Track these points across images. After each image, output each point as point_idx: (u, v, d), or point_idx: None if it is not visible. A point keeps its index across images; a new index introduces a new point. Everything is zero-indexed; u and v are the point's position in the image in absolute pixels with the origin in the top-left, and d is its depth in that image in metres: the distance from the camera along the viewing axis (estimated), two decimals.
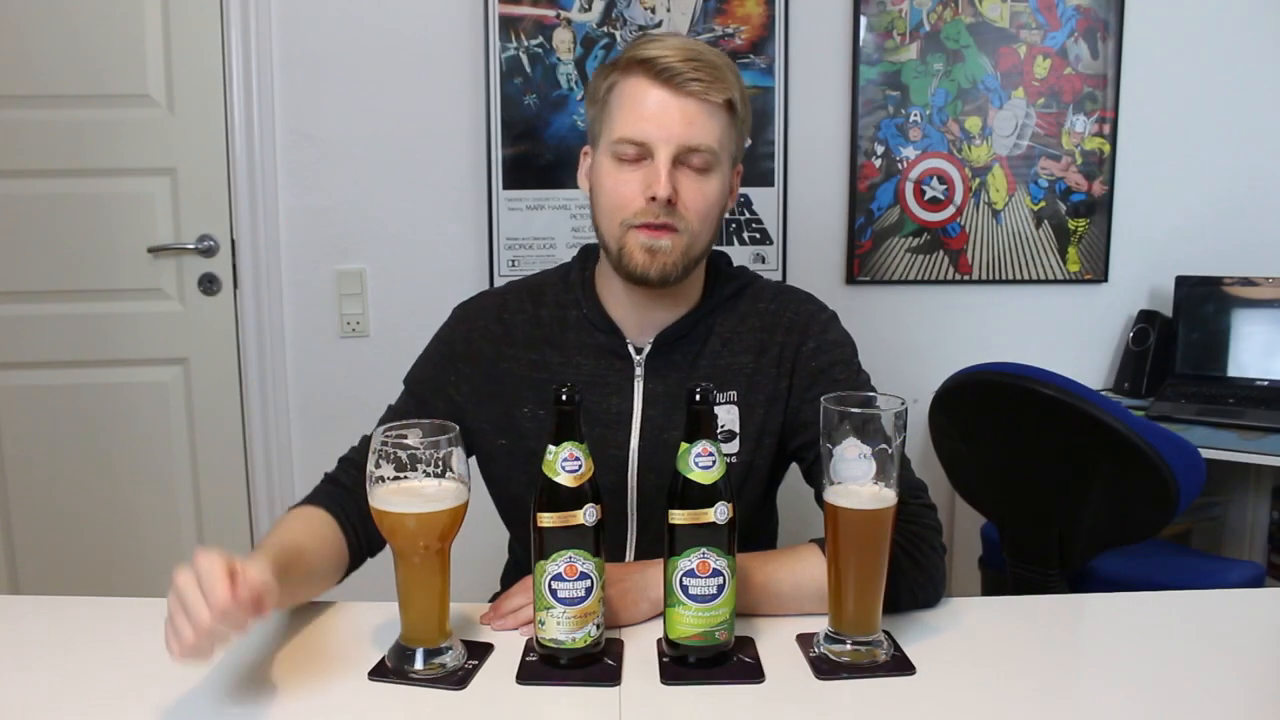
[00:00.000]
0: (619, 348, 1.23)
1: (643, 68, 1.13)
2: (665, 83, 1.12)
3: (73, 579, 2.46)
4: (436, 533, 0.96)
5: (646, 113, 1.13)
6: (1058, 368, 1.75)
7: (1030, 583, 1.86)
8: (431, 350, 1.29)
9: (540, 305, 1.27)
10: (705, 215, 1.16)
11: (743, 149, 1.23)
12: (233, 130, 2.36)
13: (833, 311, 1.29)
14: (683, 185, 1.14)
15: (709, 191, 1.16)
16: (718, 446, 0.96)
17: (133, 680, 0.97)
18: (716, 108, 1.14)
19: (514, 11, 2.37)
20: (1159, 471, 1.65)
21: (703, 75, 1.11)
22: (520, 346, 1.25)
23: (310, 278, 2.44)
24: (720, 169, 1.17)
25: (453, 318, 1.30)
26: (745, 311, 1.26)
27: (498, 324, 1.26)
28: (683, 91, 1.12)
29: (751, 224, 2.49)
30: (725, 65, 1.15)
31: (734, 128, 1.18)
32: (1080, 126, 2.52)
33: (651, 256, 1.15)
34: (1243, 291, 2.43)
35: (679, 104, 1.12)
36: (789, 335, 1.24)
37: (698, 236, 1.17)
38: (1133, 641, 1.08)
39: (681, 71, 1.11)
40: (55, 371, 2.43)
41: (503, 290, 1.31)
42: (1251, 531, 2.55)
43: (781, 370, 1.23)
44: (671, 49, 1.12)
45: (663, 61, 1.11)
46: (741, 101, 1.17)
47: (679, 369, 1.22)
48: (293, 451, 2.47)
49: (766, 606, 1.10)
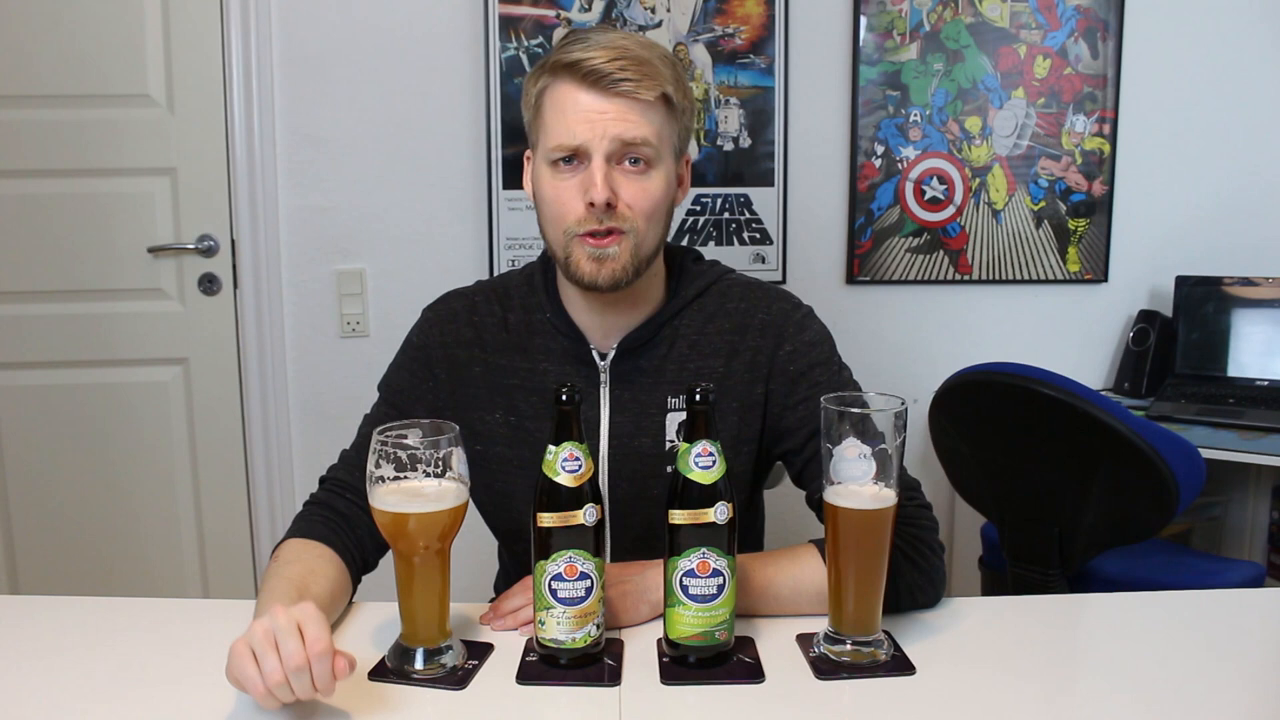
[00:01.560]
0: (584, 354, 1.20)
1: (569, 71, 1.09)
2: (593, 85, 1.08)
3: (73, 579, 2.46)
4: (436, 532, 0.96)
5: (578, 117, 1.09)
6: (1058, 368, 1.75)
7: (1030, 583, 1.86)
8: (405, 357, 1.26)
9: (508, 309, 1.24)
10: (650, 213, 1.12)
11: (688, 139, 1.19)
12: (233, 130, 2.36)
13: (807, 308, 1.25)
14: (623, 186, 1.11)
15: (651, 188, 1.12)
16: (718, 446, 0.96)
17: (133, 680, 0.97)
18: (651, 103, 1.10)
19: (514, 11, 2.37)
20: (1159, 471, 1.65)
21: (631, 73, 1.08)
22: (490, 351, 1.22)
23: (310, 278, 2.44)
24: (662, 164, 1.13)
25: (424, 322, 1.27)
26: (713, 311, 1.22)
27: (469, 328, 1.24)
28: (613, 92, 1.08)
29: (751, 224, 2.49)
30: (658, 57, 1.11)
31: (673, 119, 1.14)
32: (1080, 126, 2.52)
33: (599, 265, 1.11)
34: (1243, 291, 2.43)
35: (610, 105, 1.08)
36: (762, 338, 1.20)
37: (645, 236, 1.12)
38: (1133, 641, 1.08)
39: (609, 73, 1.07)
40: (55, 371, 2.43)
41: (470, 292, 1.28)
42: (1251, 531, 2.55)
43: (756, 375, 1.20)
44: (598, 49, 1.08)
45: (588, 64, 1.08)
46: (680, 92, 1.13)
47: (645, 374, 1.20)
48: (293, 451, 2.47)
49: (766, 608, 1.09)
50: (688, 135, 1.18)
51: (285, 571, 1.06)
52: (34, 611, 1.17)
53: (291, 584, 1.03)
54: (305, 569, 1.07)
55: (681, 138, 1.17)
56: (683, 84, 1.15)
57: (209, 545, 2.51)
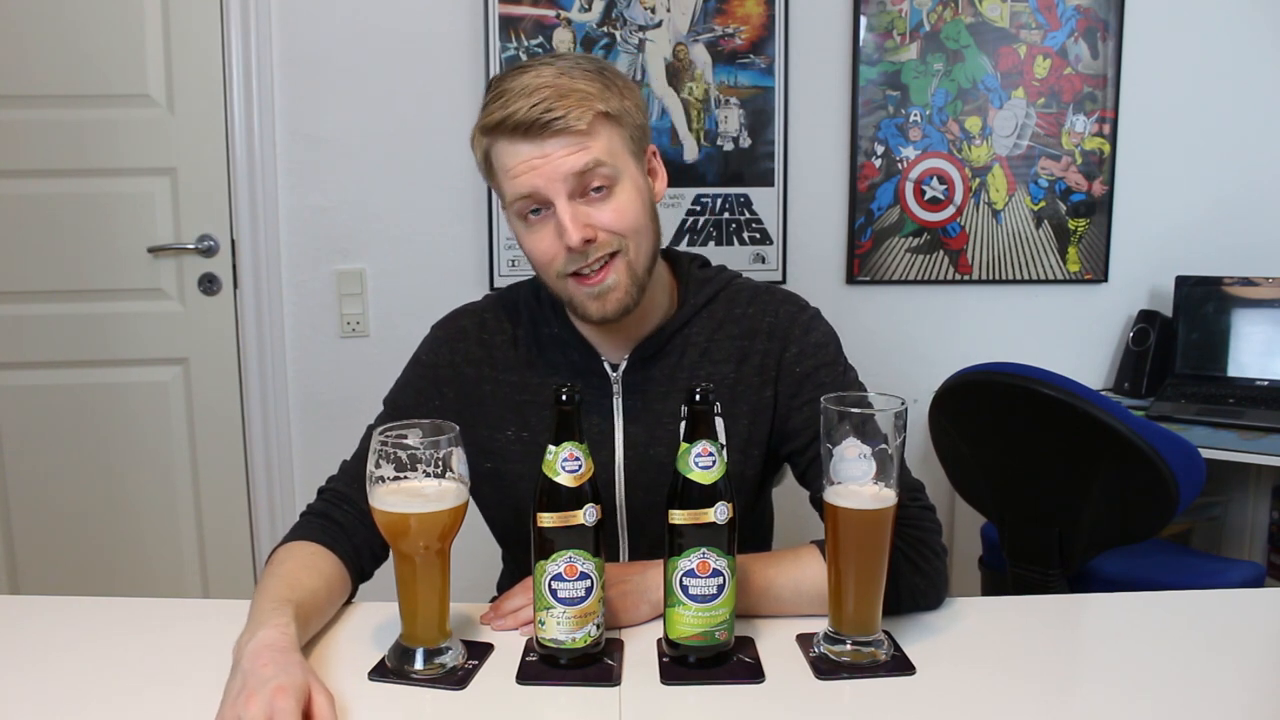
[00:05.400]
0: (595, 366, 1.20)
1: (499, 130, 1.08)
2: (525, 135, 1.06)
3: (73, 579, 2.46)
4: (437, 532, 0.96)
5: (524, 169, 1.07)
6: (1058, 368, 1.75)
7: (1030, 583, 1.86)
8: (413, 375, 1.25)
9: (517, 324, 1.24)
10: (634, 226, 1.11)
11: (645, 135, 1.15)
12: (233, 130, 2.36)
13: (814, 310, 1.25)
14: (595, 215, 1.09)
15: (623, 205, 1.10)
16: (718, 446, 0.96)
17: (133, 680, 0.97)
18: (587, 129, 1.07)
19: (514, 11, 2.37)
20: (1159, 471, 1.65)
21: (556, 110, 1.05)
22: (501, 369, 1.22)
23: (310, 278, 2.44)
24: (625, 175, 1.11)
25: (433, 339, 1.26)
26: (723, 318, 1.22)
27: (479, 346, 1.23)
28: (548, 133, 1.06)
29: (751, 224, 2.49)
30: (582, 76, 1.08)
31: (620, 127, 1.11)
32: (1080, 126, 2.52)
33: (603, 301, 1.11)
34: (1243, 291, 2.43)
35: (549, 147, 1.06)
36: (770, 341, 1.21)
37: (637, 249, 1.12)
38: (1133, 641, 1.08)
39: (536, 119, 1.05)
40: (55, 371, 2.43)
41: (480, 308, 1.27)
42: (1251, 531, 2.55)
43: (765, 379, 1.20)
44: (516, 100, 1.05)
45: (512, 120, 1.05)
46: (617, 99, 1.10)
47: (658, 384, 1.20)
48: (293, 451, 2.47)
49: (766, 609, 1.09)
50: (643, 132, 1.15)
51: (279, 570, 1.06)
52: (34, 611, 1.17)
53: (284, 581, 1.03)
54: (299, 565, 1.07)
55: (636, 138, 1.14)
56: (617, 88, 1.11)
57: (209, 545, 2.51)
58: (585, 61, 1.11)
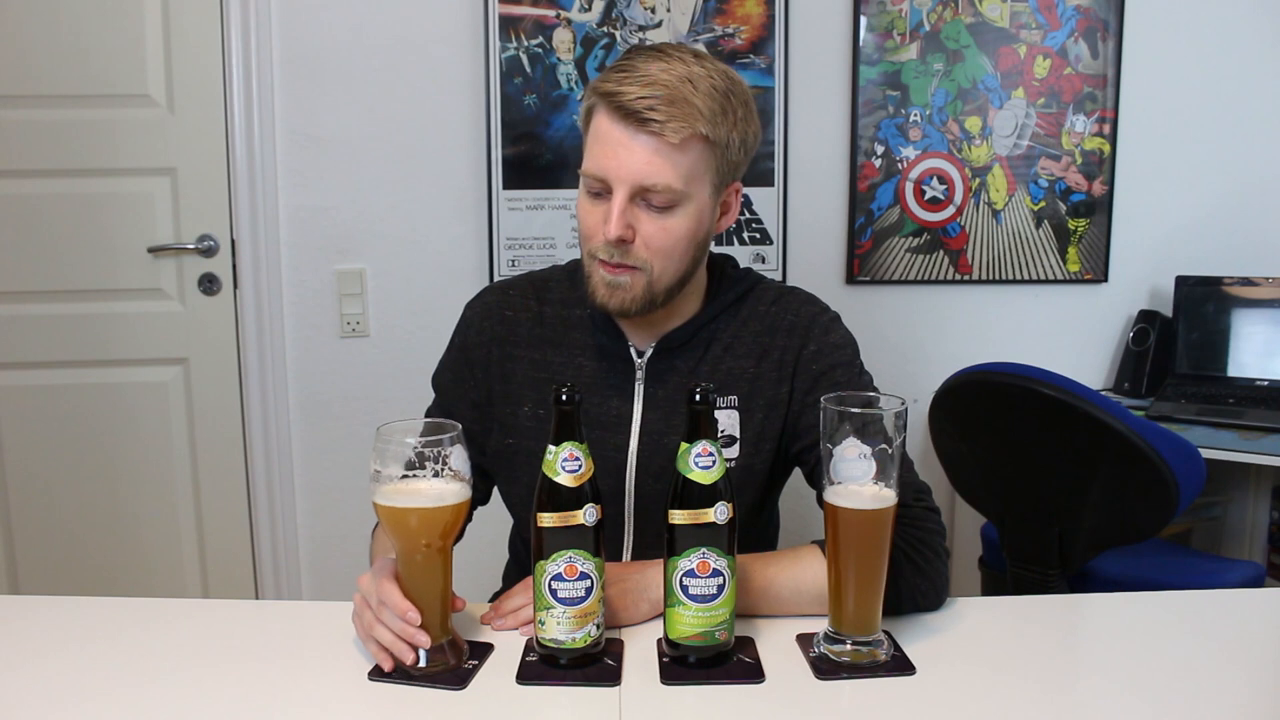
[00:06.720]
0: (622, 350, 1.23)
1: (606, 100, 1.09)
2: (624, 119, 1.08)
3: (73, 579, 2.46)
4: (438, 530, 0.96)
5: (607, 150, 1.10)
6: (1058, 368, 1.75)
7: (1030, 583, 1.86)
8: (449, 356, 1.30)
9: (545, 303, 1.27)
10: (669, 252, 1.13)
11: (736, 171, 1.18)
12: (233, 130, 2.36)
13: (834, 313, 1.27)
14: (642, 224, 1.12)
15: (672, 228, 1.12)
16: (718, 446, 0.96)
17: (133, 680, 0.97)
18: (678, 145, 1.08)
19: (514, 11, 2.37)
20: (1159, 471, 1.65)
21: (659, 114, 1.07)
22: (523, 345, 1.25)
23: (310, 278, 2.44)
24: (690, 203, 1.12)
25: (463, 320, 1.30)
26: (747, 316, 1.25)
27: (500, 324, 1.26)
28: (643, 130, 1.08)
29: (751, 224, 2.49)
30: (703, 93, 1.09)
31: (711, 156, 1.12)
32: (1080, 126, 2.52)
33: (611, 291, 1.15)
34: (1243, 291, 2.43)
35: (636, 143, 1.08)
36: (790, 338, 1.23)
37: (661, 273, 1.14)
38: (1133, 641, 1.08)
39: (638, 111, 1.07)
40: (55, 371, 2.43)
41: (507, 285, 1.30)
42: (1251, 531, 2.55)
43: (783, 374, 1.22)
44: (633, 84, 1.07)
45: (621, 99, 1.07)
46: (724, 126, 1.11)
47: (680, 373, 1.22)
48: (293, 451, 2.47)
49: (767, 609, 1.10)
50: (736, 168, 1.17)
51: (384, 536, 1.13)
52: (34, 611, 1.17)
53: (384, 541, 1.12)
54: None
55: (724, 170, 1.15)
56: (732, 117, 1.12)
57: (209, 545, 2.51)
58: (719, 78, 1.12)
